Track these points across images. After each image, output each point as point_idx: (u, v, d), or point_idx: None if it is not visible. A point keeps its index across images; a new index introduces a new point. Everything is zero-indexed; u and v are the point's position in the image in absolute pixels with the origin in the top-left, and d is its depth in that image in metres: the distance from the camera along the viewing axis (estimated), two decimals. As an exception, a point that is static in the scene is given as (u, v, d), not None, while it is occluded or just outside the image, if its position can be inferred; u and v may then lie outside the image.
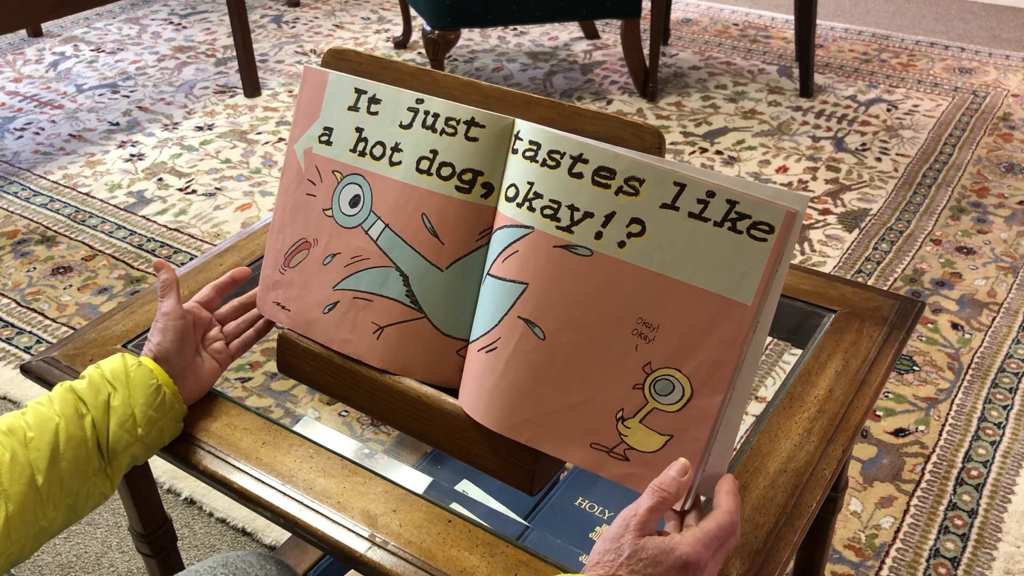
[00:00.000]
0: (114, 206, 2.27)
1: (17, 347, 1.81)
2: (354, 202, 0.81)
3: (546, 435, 0.71)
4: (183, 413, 0.80)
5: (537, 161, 0.71)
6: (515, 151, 0.73)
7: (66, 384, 0.76)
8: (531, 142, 0.71)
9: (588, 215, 0.68)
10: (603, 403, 0.69)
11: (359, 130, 0.81)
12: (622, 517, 0.63)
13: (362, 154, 0.80)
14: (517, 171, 0.73)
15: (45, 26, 3.37)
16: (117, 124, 2.70)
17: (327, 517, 0.73)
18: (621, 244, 0.67)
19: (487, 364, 0.73)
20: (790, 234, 0.63)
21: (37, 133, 2.65)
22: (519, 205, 0.72)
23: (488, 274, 0.74)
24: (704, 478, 0.67)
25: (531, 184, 0.71)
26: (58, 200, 2.31)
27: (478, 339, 0.75)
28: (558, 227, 0.70)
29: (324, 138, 0.83)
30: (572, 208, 0.69)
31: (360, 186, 0.81)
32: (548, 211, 0.70)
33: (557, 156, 0.70)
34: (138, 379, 0.77)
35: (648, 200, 0.66)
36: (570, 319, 0.69)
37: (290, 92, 2.87)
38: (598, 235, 0.68)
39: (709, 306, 0.65)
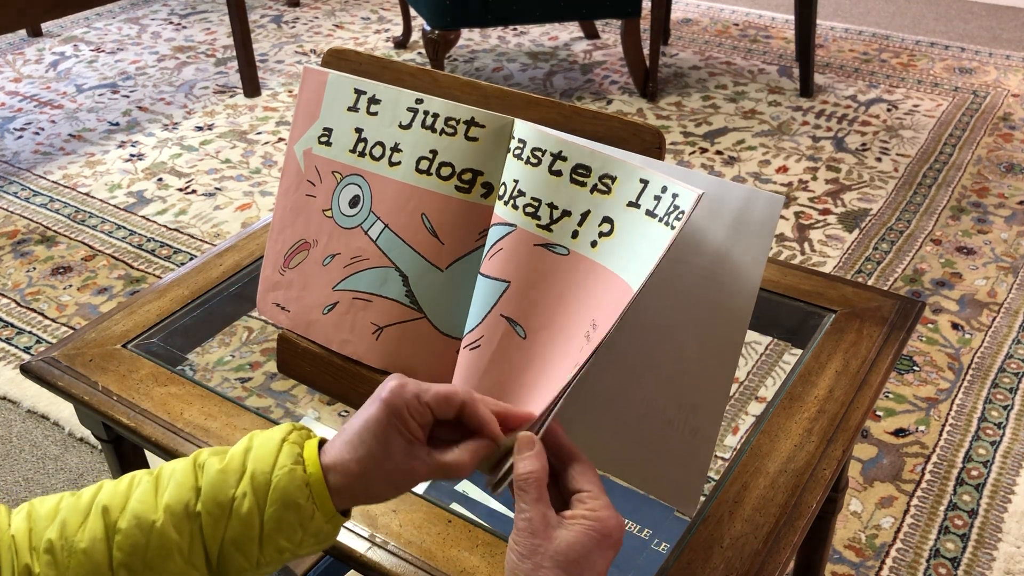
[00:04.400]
0: (114, 206, 2.27)
1: (17, 347, 1.81)
2: (354, 202, 0.81)
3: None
4: (336, 531, 0.60)
5: (522, 159, 0.71)
6: (508, 150, 0.73)
7: (200, 457, 0.60)
8: (519, 140, 0.72)
9: (566, 213, 0.68)
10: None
11: (359, 130, 0.81)
12: (522, 525, 0.54)
13: (362, 154, 0.80)
14: (508, 169, 0.73)
15: (45, 26, 3.37)
16: (117, 124, 2.70)
17: (327, 517, 0.73)
18: (593, 243, 0.67)
19: (471, 362, 0.73)
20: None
21: (37, 133, 2.65)
22: (506, 203, 0.72)
23: (479, 272, 0.74)
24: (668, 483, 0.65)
25: (516, 182, 0.71)
26: (58, 200, 2.31)
27: (465, 336, 0.75)
28: (538, 225, 0.70)
29: (324, 139, 0.83)
30: (551, 206, 0.69)
31: (360, 186, 0.81)
32: (529, 209, 0.70)
33: (539, 154, 0.70)
34: (281, 491, 0.57)
35: (618, 198, 0.66)
36: (547, 319, 0.69)
37: (290, 92, 2.87)
38: (575, 234, 0.68)
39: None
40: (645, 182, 0.65)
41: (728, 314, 0.65)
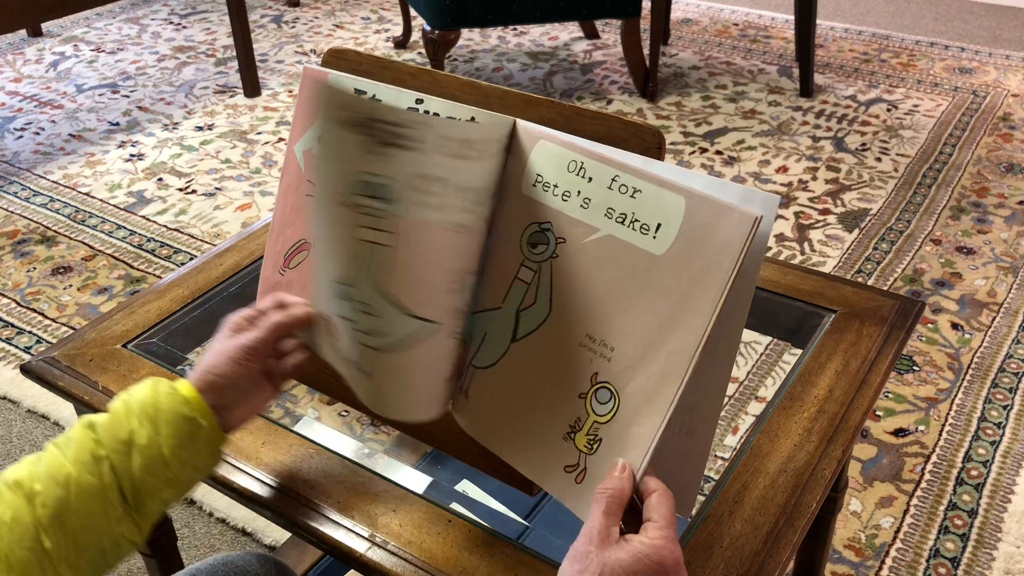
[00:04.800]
0: (114, 206, 2.28)
1: (17, 347, 1.81)
2: (354, 202, 0.81)
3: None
4: (223, 442, 0.70)
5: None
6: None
7: (87, 419, 0.67)
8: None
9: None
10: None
11: (359, 130, 0.80)
12: (583, 532, 0.59)
13: (362, 154, 0.80)
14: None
15: (45, 26, 3.37)
16: (117, 124, 2.70)
17: (327, 517, 0.73)
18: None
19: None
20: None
21: (37, 133, 2.65)
22: None
23: None
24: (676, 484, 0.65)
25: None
26: (58, 200, 2.31)
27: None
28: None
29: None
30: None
31: (360, 186, 0.80)
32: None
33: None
34: (168, 412, 0.66)
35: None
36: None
37: (290, 92, 2.87)
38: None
39: None
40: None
41: (725, 314, 0.65)
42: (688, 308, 0.60)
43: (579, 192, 0.65)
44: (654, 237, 0.62)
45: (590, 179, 0.65)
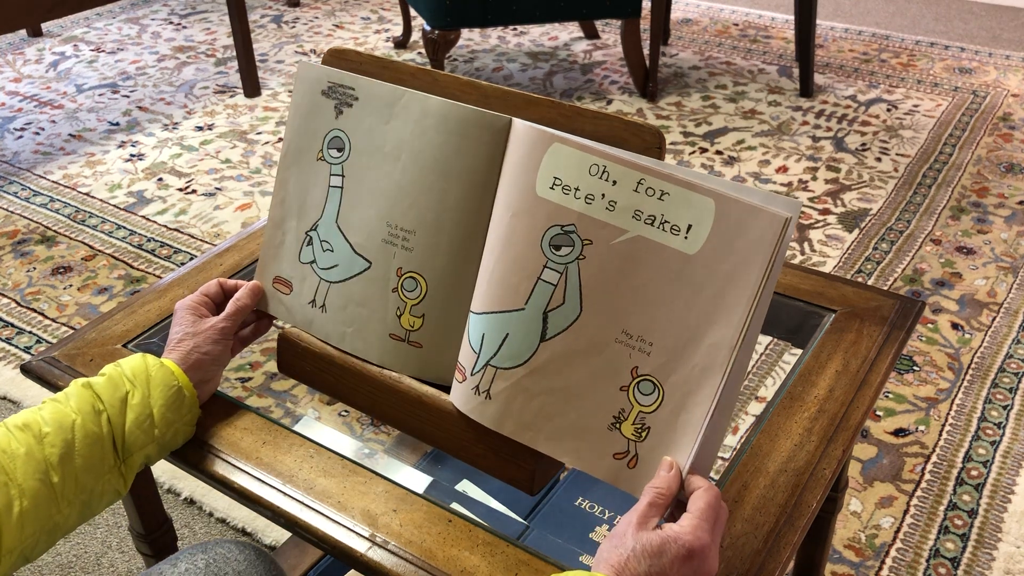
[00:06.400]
0: (114, 206, 2.27)
1: (17, 347, 1.81)
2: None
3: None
4: (197, 416, 0.80)
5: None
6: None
7: (83, 380, 0.75)
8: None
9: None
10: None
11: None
12: (624, 517, 0.64)
13: (361, 154, 0.81)
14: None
15: (45, 26, 3.37)
16: (117, 124, 2.70)
17: (327, 517, 0.73)
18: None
19: None
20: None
21: (37, 133, 2.65)
22: None
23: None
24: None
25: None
26: (58, 200, 2.31)
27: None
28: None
29: (324, 138, 0.83)
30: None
31: (360, 186, 0.81)
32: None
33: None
34: (159, 380, 0.76)
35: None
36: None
37: (290, 92, 2.87)
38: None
39: None
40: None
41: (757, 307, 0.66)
42: (724, 304, 0.63)
43: (603, 195, 0.66)
44: (685, 237, 0.64)
45: (614, 182, 0.66)
